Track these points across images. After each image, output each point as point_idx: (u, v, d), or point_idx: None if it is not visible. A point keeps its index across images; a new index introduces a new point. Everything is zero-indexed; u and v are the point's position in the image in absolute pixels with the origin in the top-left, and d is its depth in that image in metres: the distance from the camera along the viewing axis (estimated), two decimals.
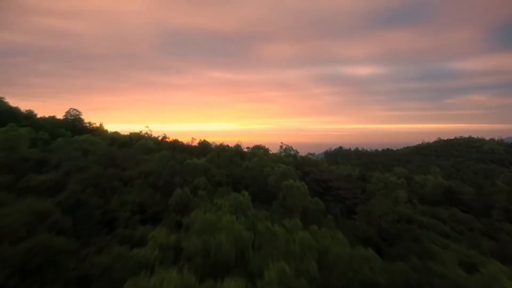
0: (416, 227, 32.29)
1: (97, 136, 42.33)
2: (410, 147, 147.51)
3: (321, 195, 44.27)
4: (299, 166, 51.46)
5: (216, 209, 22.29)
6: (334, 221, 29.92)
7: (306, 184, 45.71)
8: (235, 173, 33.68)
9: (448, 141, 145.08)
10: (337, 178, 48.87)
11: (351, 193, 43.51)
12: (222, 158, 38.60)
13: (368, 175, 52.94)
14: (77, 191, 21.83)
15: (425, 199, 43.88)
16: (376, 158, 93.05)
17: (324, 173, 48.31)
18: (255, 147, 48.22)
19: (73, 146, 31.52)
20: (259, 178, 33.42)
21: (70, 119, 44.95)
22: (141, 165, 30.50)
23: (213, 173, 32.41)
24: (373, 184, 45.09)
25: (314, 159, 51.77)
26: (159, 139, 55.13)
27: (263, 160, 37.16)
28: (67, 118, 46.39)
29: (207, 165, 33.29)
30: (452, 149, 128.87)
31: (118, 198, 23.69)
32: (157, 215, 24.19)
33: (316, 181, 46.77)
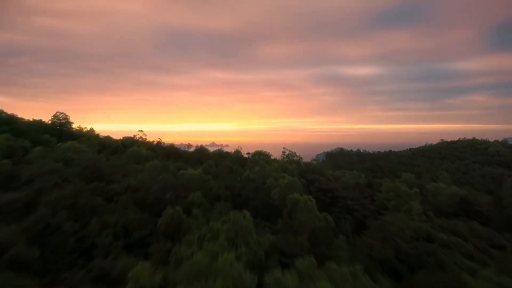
0: (437, 246, 28.92)
1: (86, 142, 38.82)
2: (413, 148, 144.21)
3: (327, 206, 40.90)
4: (303, 174, 48.10)
5: (212, 236, 18.90)
6: (346, 240, 26.55)
7: (311, 193, 42.45)
8: (234, 185, 30.23)
9: (452, 142, 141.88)
10: (344, 187, 45.46)
11: (359, 203, 40.07)
12: (220, 167, 35.17)
13: (376, 183, 49.53)
14: (48, 214, 18.39)
15: (440, 210, 40.48)
16: (381, 162, 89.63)
17: (330, 181, 44.87)
18: (256, 153, 44.79)
19: (54, 155, 28.01)
20: (261, 190, 30.00)
21: (57, 124, 41.18)
22: (129, 177, 27.04)
23: (210, 185, 28.95)
24: (383, 193, 41.71)
25: (319, 165, 48.30)
26: (154, 144, 51.66)
27: (266, 169, 33.75)
28: (55, 122, 42.76)
29: (203, 177, 29.83)
30: (456, 151, 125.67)
31: (99, 220, 20.22)
32: (144, 239, 20.75)
33: (322, 190, 43.33)
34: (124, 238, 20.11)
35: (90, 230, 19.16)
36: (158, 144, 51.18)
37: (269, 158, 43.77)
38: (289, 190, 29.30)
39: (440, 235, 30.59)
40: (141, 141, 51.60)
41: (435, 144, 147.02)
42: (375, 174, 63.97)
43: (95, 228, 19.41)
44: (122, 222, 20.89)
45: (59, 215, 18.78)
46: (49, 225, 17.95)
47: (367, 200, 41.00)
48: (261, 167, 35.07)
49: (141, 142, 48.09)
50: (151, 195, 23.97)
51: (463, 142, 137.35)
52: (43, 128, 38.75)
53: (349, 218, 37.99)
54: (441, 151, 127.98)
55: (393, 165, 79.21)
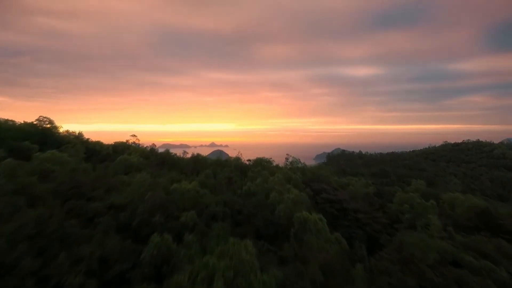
0: (467, 272, 25.37)
1: (71, 150, 35.10)
2: (416, 150, 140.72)
3: (335, 219, 37.26)
4: (308, 182, 44.49)
5: (207, 275, 15.29)
6: (362, 268, 22.95)
7: (317, 204, 38.81)
8: (234, 201, 26.57)
9: (456, 144, 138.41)
10: (352, 197, 41.84)
11: (371, 217, 36.41)
12: (219, 178, 31.51)
13: (386, 191, 45.98)
14: (3, 248, 14.77)
15: (459, 224, 36.91)
16: (387, 166, 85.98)
17: (337, 191, 41.27)
18: (257, 160, 41.17)
19: (28, 168, 24.29)
20: (264, 207, 26.39)
21: (41, 129, 37.41)
22: (114, 193, 23.38)
23: (206, 201, 25.29)
24: (396, 205, 38.12)
25: (325, 172, 44.61)
26: (148, 149, 47.94)
27: (268, 181, 30.12)
28: (39, 126, 39.06)
29: (199, 191, 26.18)
30: (461, 154, 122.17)
31: (70, 252, 16.57)
32: (124, 275, 17.10)
33: (329, 201, 39.69)
34: (99, 275, 16.47)
35: (57, 266, 15.53)
36: (152, 150, 47.52)
37: (272, 166, 40.09)
38: (296, 207, 25.71)
39: (468, 258, 26.96)
40: (134, 146, 47.91)
41: (439, 146, 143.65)
42: (382, 181, 60.32)
43: (64, 264, 15.78)
44: (99, 254, 17.23)
45: (18, 249, 15.17)
46: (2, 264, 14.34)
47: (379, 213, 37.36)
48: (263, 178, 31.41)
49: (133, 147, 44.37)
50: (137, 217, 20.31)
51: (468, 144, 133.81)
52: (24, 134, 35.00)
53: (360, 234, 34.45)
54: (445, 154, 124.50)
55: (400, 170, 75.57)
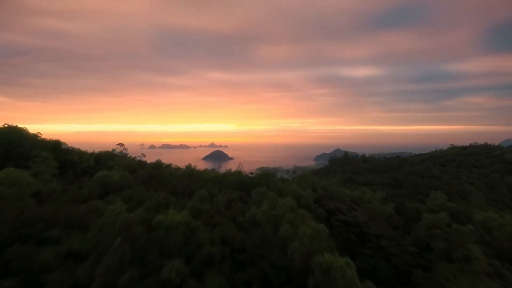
0: None
1: (40, 164, 29.15)
2: (423, 154, 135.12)
3: (353, 246, 31.48)
4: (320, 200, 38.65)
5: None
6: None
7: (332, 228, 32.97)
8: (235, 237, 20.70)
9: (464, 148, 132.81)
10: (372, 217, 36.04)
11: (397, 244, 30.58)
12: (216, 201, 25.66)
13: (407, 209, 40.20)
14: None
15: (502, 254, 31.15)
16: (395, 172, 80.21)
17: (354, 210, 35.47)
18: (262, 175, 35.37)
19: None
20: (272, 244, 20.61)
21: (5, 138, 31.13)
22: (76, 232, 17.52)
23: (200, 239, 19.45)
24: (423, 228, 32.33)
25: (338, 188, 38.71)
26: (135, 161, 41.95)
27: (277, 206, 24.28)
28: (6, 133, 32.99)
29: (190, 224, 20.35)
30: (470, 158, 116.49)
31: None
32: None
33: (346, 224, 33.90)
34: None
35: None
36: (140, 162, 41.49)
37: (278, 182, 34.20)
38: (314, 245, 19.96)
39: None
40: (121, 156, 41.97)
41: (446, 149, 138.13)
42: (397, 192, 54.44)
43: None
44: None
45: None
46: None
47: (405, 239, 31.56)
48: (270, 201, 25.55)
49: (119, 159, 38.43)
50: (100, 276, 14.48)
51: (476, 147, 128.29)
52: None
53: (385, 266, 28.63)
54: (454, 158, 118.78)
55: (412, 178, 69.73)
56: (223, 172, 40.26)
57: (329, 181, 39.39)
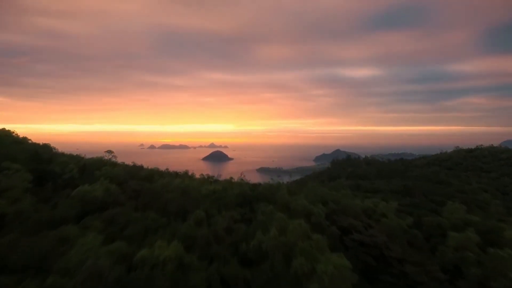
0: None
1: (12, 176, 24.91)
2: (427, 157, 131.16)
3: (373, 272, 27.42)
4: (331, 215, 34.49)
5: None
6: None
7: (347, 249, 28.86)
8: (238, 274, 16.60)
9: (470, 151, 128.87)
10: (390, 234, 31.95)
11: (424, 270, 26.52)
12: (215, 225, 21.53)
13: (427, 223, 36.13)
14: None
15: None
16: (400, 176, 76.25)
17: (371, 228, 31.38)
18: (266, 185, 31.24)
19: None
20: (284, 284, 16.58)
21: None
22: (27, 283, 13.43)
23: (193, 281, 15.36)
24: (451, 250, 28.23)
25: (350, 202, 34.56)
26: (129, 167, 37.77)
27: (287, 232, 20.15)
28: None
29: (182, 259, 16.27)
30: (477, 162, 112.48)
31: None
32: None
33: (362, 244, 29.79)
34: None
35: None
36: (134, 168, 37.27)
37: (286, 197, 30.04)
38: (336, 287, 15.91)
39: None
40: (111, 164, 37.82)
41: (450, 152, 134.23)
42: (410, 201, 50.37)
43: None
44: None
45: None
46: None
47: (433, 264, 27.44)
48: (278, 223, 21.43)
49: (107, 168, 34.27)
50: None
51: (483, 150, 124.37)
52: None
53: None
54: (460, 161, 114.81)
55: (422, 184, 65.70)
56: (222, 181, 36.10)
57: (341, 193, 35.24)
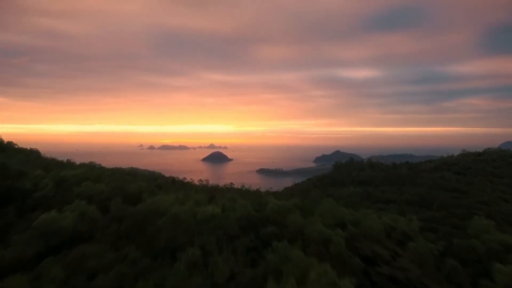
0: None
1: None
2: (434, 161, 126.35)
3: None
4: (352, 241, 29.48)
5: None
6: None
7: (373, 285, 23.91)
8: None
9: (478, 154, 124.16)
10: (420, 264, 26.99)
11: None
12: (214, 267, 16.52)
13: (459, 247, 31.23)
14: None
15: None
16: (417, 187, 71.31)
17: (401, 258, 26.40)
18: (276, 207, 26.19)
19: None
20: None
21: None
22: None
23: None
24: (500, 287, 23.41)
25: (372, 222, 29.49)
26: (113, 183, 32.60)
27: (307, 283, 15.12)
28: None
29: None
30: (487, 166, 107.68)
31: None
32: None
33: (393, 281, 24.80)
34: None
35: None
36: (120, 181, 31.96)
37: (299, 220, 24.97)
38: None
39: None
40: (95, 178, 32.67)
41: (457, 155, 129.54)
42: (430, 215, 45.45)
43: None
44: None
45: None
46: None
47: None
48: (295, 267, 16.43)
49: (89, 184, 29.17)
50: None
51: (491, 154, 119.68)
52: None
53: None
54: (469, 165, 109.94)
55: (436, 192, 60.79)
56: (222, 199, 31.11)
57: (361, 212, 30.26)
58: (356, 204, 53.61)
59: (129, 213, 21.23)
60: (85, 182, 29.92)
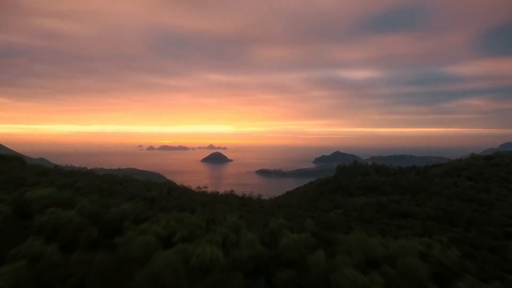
0: None
1: None
2: (444, 165, 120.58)
3: None
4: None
5: None
6: None
7: None
8: None
9: (488, 158, 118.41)
10: None
11: None
12: None
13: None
14: None
15: None
16: (433, 196, 65.60)
17: None
18: (293, 241, 20.47)
19: None
20: None
21: None
22: None
23: None
24: None
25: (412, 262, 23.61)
26: (91, 206, 26.55)
27: None
28: None
29: None
30: (500, 171, 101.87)
31: None
32: None
33: None
34: None
35: None
36: (97, 207, 25.87)
37: (323, 263, 19.01)
38: None
39: None
40: (66, 201, 26.46)
41: (466, 159, 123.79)
42: (460, 235, 39.59)
43: None
44: None
45: None
46: None
47: None
48: None
49: (57, 212, 22.96)
50: None
51: (503, 158, 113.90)
52: None
53: None
54: (481, 170, 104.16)
55: (457, 203, 54.99)
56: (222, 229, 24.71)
57: (396, 245, 24.03)
58: (372, 218, 47.92)
59: (96, 266, 14.93)
60: (51, 208, 23.41)
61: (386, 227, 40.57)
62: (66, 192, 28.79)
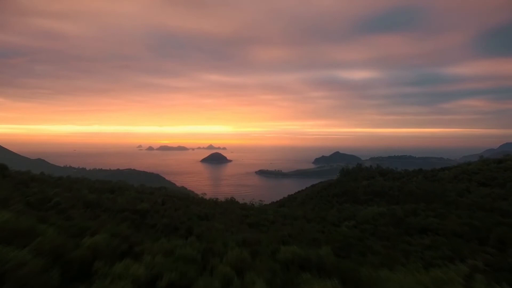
0: None
1: None
2: (452, 168, 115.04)
3: None
4: None
5: None
6: None
7: None
8: None
9: (498, 161, 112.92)
10: None
11: None
12: None
13: None
14: None
15: None
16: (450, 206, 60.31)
17: None
18: None
19: None
20: None
21: None
22: None
23: None
24: None
25: None
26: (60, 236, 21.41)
27: None
28: None
29: None
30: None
31: None
32: None
33: None
34: None
35: None
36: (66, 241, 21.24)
37: None
38: None
39: None
40: None
41: (475, 162, 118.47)
42: (495, 259, 34.37)
43: None
44: None
45: None
46: None
47: None
48: None
49: None
50: None
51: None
52: None
53: None
54: (493, 175, 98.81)
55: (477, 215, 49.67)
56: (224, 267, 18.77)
57: (432, 276, 18.49)
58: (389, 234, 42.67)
59: None
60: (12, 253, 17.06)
61: (408, 247, 35.36)
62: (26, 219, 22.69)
